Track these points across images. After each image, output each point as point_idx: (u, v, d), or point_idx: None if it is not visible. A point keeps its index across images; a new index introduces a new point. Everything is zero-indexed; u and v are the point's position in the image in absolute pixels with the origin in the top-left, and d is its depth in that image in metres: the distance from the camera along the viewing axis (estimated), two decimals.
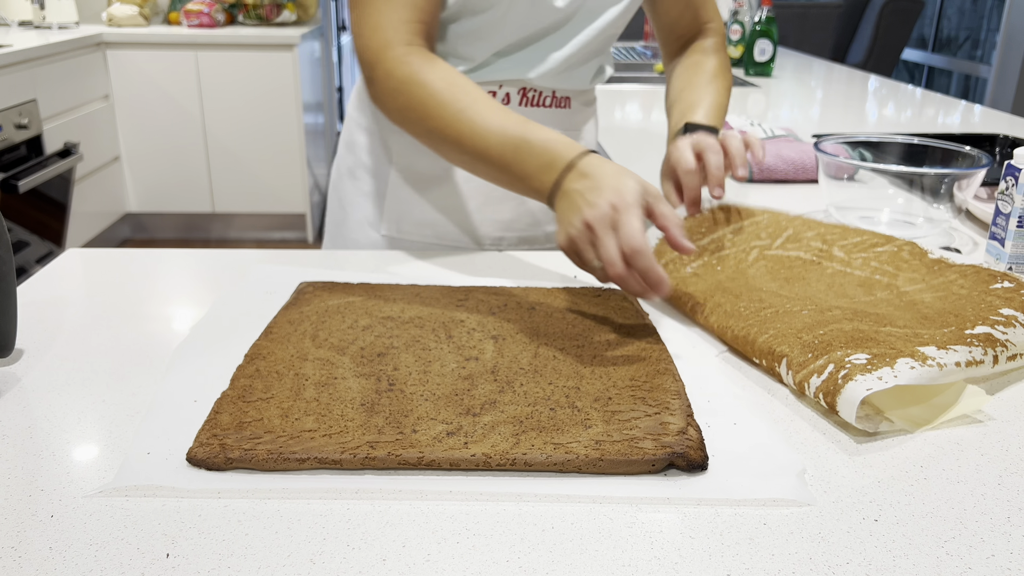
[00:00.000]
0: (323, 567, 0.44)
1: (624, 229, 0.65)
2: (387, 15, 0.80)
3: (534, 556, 0.45)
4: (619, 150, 1.45)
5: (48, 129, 2.76)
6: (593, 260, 0.69)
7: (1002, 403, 0.62)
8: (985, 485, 0.52)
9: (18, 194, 2.50)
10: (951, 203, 0.97)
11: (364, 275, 0.85)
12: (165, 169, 3.40)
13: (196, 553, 0.45)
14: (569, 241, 0.70)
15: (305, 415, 0.56)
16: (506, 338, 0.69)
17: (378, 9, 0.80)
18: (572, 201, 0.69)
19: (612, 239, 0.66)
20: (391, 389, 0.60)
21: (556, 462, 0.52)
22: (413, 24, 0.81)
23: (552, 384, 0.61)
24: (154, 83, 3.27)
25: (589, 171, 0.69)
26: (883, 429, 0.58)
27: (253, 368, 0.63)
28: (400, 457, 0.52)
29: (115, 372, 0.65)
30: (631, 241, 0.65)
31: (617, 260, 0.66)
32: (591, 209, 0.67)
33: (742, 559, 0.45)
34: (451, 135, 0.77)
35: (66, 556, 0.45)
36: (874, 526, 0.48)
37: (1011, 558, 0.46)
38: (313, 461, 0.52)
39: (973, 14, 4.87)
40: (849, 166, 1.02)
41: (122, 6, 3.34)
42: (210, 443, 0.53)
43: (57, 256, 1.31)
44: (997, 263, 0.89)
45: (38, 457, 0.54)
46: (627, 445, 0.53)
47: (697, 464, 0.52)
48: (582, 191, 0.69)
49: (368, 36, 0.81)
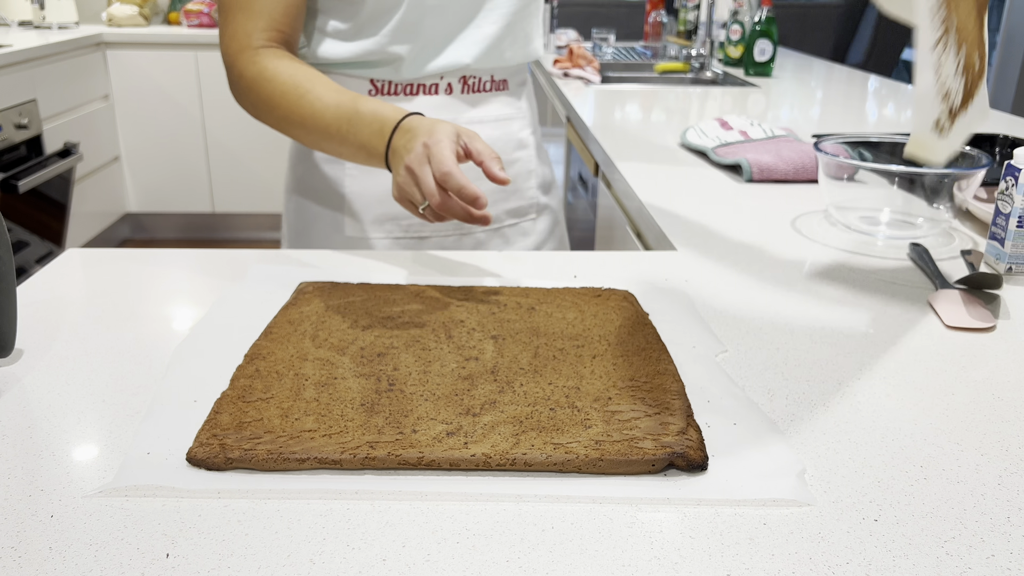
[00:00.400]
0: (323, 567, 0.44)
1: (435, 160, 0.73)
2: (243, 24, 0.88)
3: (534, 556, 0.45)
4: (620, 150, 1.45)
5: (48, 129, 2.76)
6: (419, 199, 0.76)
7: (1002, 403, 0.62)
8: (985, 485, 0.52)
9: (18, 194, 2.50)
10: (951, 203, 0.97)
11: (364, 275, 0.85)
12: (165, 169, 3.40)
13: (196, 553, 0.45)
14: (398, 188, 0.77)
15: (305, 415, 0.56)
16: (506, 338, 0.69)
17: (235, 18, 0.88)
18: (397, 154, 0.78)
19: (427, 171, 0.73)
20: (391, 389, 0.60)
21: (556, 462, 0.52)
22: (268, 32, 0.89)
23: (552, 384, 0.61)
24: (154, 83, 3.27)
25: (410, 127, 0.78)
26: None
27: (253, 368, 0.63)
28: (400, 457, 0.52)
29: (115, 372, 0.65)
30: (440, 166, 0.72)
31: (434, 189, 0.73)
32: (409, 154, 0.75)
33: (742, 559, 0.45)
34: (296, 119, 0.85)
35: (66, 556, 0.45)
36: (874, 526, 0.48)
37: (1011, 558, 0.46)
38: (313, 461, 0.52)
39: None
40: (849, 166, 1.02)
41: (122, 6, 3.34)
42: (210, 443, 0.53)
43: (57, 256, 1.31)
44: (997, 263, 0.89)
45: (38, 457, 0.54)
46: (627, 445, 0.53)
47: (697, 464, 0.52)
48: (404, 143, 0.77)
49: (226, 43, 0.89)
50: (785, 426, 0.59)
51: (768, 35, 2.43)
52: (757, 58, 2.45)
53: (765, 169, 1.23)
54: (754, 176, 1.23)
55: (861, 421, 0.59)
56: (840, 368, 0.67)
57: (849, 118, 1.81)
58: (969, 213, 1.09)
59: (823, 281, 0.86)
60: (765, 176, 1.23)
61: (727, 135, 1.39)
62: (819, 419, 0.60)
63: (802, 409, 0.61)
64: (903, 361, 0.69)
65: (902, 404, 0.62)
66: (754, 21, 2.45)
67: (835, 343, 0.72)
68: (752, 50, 2.44)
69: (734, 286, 0.84)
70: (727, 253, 0.94)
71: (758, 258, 0.92)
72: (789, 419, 0.60)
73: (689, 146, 1.43)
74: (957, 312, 0.77)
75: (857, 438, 0.57)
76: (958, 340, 0.73)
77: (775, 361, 0.68)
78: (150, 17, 3.47)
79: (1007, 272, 0.88)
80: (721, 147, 1.34)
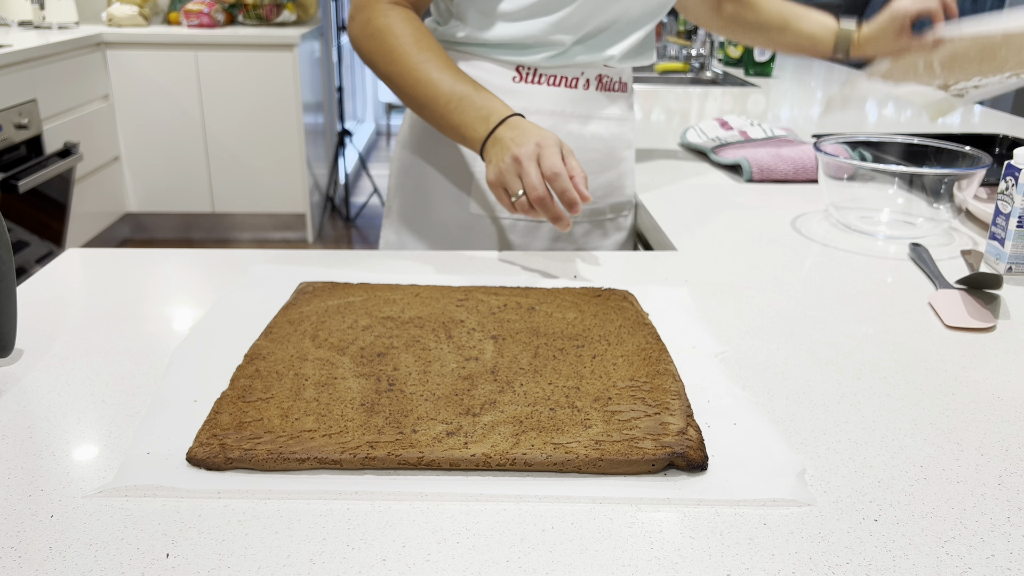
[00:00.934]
0: (323, 567, 0.44)
1: (546, 160, 0.79)
2: None
3: (534, 556, 0.45)
4: None
5: (48, 129, 2.76)
6: (517, 189, 0.81)
7: (1002, 403, 0.62)
8: (985, 485, 0.52)
9: (18, 194, 2.50)
10: (951, 203, 0.97)
11: (364, 275, 0.85)
12: (165, 169, 3.40)
13: (196, 553, 0.45)
14: (498, 173, 0.82)
15: (305, 415, 0.56)
16: (506, 338, 0.69)
17: None
18: (502, 144, 0.82)
19: (535, 168, 0.79)
20: (391, 389, 0.60)
21: (556, 462, 0.52)
22: None
23: (552, 384, 0.61)
24: (154, 83, 3.27)
25: (518, 124, 0.83)
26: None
27: (253, 368, 0.63)
28: (400, 457, 0.52)
29: (115, 372, 0.65)
30: (552, 167, 0.79)
31: (539, 184, 0.79)
32: (519, 147, 0.80)
33: (742, 559, 0.45)
34: (408, 80, 0.89)
35: (66, 556, 0.45)
36: (874, 526, 0.48)
37: (1011, 558, 0.46)
38: (313, 461, 0.52)
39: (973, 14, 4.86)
40: (849, 166, 1.02)
41: (122, 6, 3.34)
42: (210, 443, 0.53)
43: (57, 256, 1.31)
44: (997, 263, 0.89)
45: (38, 457, 0.54)
46: (627, 445, 0.53)
47: (697, 464, 0.52)
48: (512, 136, 0.82)
49: None
50: (785, 426, 0.59)
51: None
52: (757, 58, 2.45)
53: (765, 169, 1.23)
54: (754, 176, 1.23)
55: (861, 421, 0.59)
56: (840, 368, 0.67)
57: (849, 118, 1.81)
58: (969, 213, 1.09)
59: (823, 281, 0.86)
60: (765, 176, 1.23)
61: (727, 135, 1.39)
62: (819, 419, 0.60)
63: (802, 409, 0.61)
64: (903, 361, 0.69)
65: (902, 404, 0.62)
66: None
67: (835, 343, 0.72)
68: (752, 50, 2.44)
69: (734, 286, 0.84)
70: (727, 253, 0.94)
71: (758, 258, 0.92)
72: (789, 419, 0.60)
73: (689, 146, 1.43)
74: (957, 312, 0.77)
75: (857, 438, 0.57)
76: (958, 340, 0.73)
77: (775, 361, 0.68)
78: (150, 17, 3.47)
79: (1007, 272, 0.88)
80: (721, 147, 1.34)
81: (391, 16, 0.91)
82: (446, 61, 0.89)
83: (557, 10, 0.95)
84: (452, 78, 0.87)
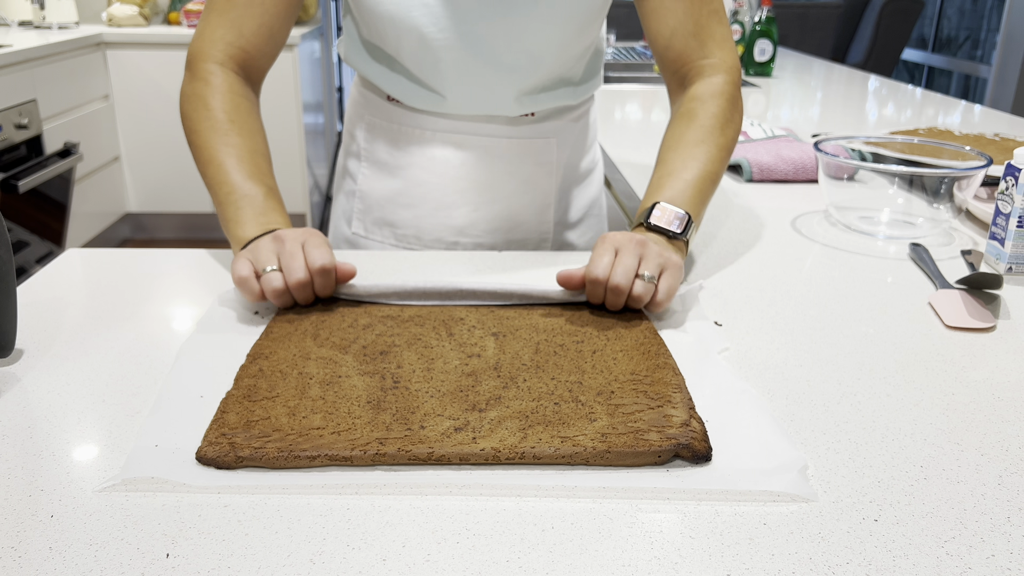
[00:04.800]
0: (323, 567, 0.44)
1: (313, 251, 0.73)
2: (213, 28, 0.88)
3: (534, 556, 0.45)
4: (619, 150, 1.45)
5: (48, 129, 2.76)
6: (266, 263, 0.73)
7: (1002, 403, 0.62)
8: (985, 485, 0.52)
9: (18, 194, 2.50)
10: (951, 203, 0.97)
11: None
12: (165, 169, 3.40)
13: (196, 553, 0.45)
14: (249, 250, 0.75)
15: (312, 413, 0.56)
16: (507, 335, 0.69)
17: (209, 20, 0.88)
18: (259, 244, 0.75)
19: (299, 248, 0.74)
20: (396, 386, 0.60)
21: (565, 455, 0.52)
22: (232, 48, 0.88)
23: (555, 379, 0.61)
24: (154, 83, 3.27)
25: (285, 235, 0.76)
26: None
27: (256, 368, 0.63)
28: (410, 453, 0.52)
29: (115, 372, 0.65)
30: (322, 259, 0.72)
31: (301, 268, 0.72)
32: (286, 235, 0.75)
33: (742, 559, 0.45)
34: (204, 157, 0.84)
35: (66, 556, 0.45)
36: (874, 526, 0.48)
37: (1011, 558, 0.46)
38: (323, 459, 0.52)
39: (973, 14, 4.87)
40: (849, 166, 1.02)
41: (122, 6, 3.34)
42: (219, 442, 0.53)
43: (57, 256, 1.31)
44: (997, 263, 0.89)
45: (38, 457, 0.54)
46: (633, 437, 0.53)
47: (702, 455, 0.52)
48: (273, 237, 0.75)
49: (195, 39, 0.89)
50: (785, 426, 0.59)
51: (768, 35, 2.43)
52: (757, 58, 2.45)
53: (765, 169, 1.23)
54: (754, 176, 1.23)
55: (861, 421, 0.59)
56: (840, 368, 0.67)
57: (849, 118, 1.81)
58: (969, 213, 1.09)
59: (823, 281, 0.86)
60: (765, 176, 1.23)
61: None
62: (819, 419, 0.60)
63: (802, 409, 0.61)
64: (903, 361, 0.69)
65: (902, 404, 0.62)
66: (754, 21, 2.45)
67: (835, 343, 0.72)
68: (752, 50, 2.44)
69: (734, 286, 0.84)
70: (727, 253, 0.94)
71: (758, 258, 0.92)
72: (789, 419, 0.60)
73: None
74: (957, 312, 0.77)
75: (857, 438, 0.57)
76: (958, 340, 0.73)
77: (775, 361, 0.68)
78: (150, 17, 3.47)
79: (1007, 272, 0.88)
80: None
81: (212, 83, 0.86)
82: (251, 152, 0.84)
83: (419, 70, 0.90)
84: (245, 175, 0.81)
